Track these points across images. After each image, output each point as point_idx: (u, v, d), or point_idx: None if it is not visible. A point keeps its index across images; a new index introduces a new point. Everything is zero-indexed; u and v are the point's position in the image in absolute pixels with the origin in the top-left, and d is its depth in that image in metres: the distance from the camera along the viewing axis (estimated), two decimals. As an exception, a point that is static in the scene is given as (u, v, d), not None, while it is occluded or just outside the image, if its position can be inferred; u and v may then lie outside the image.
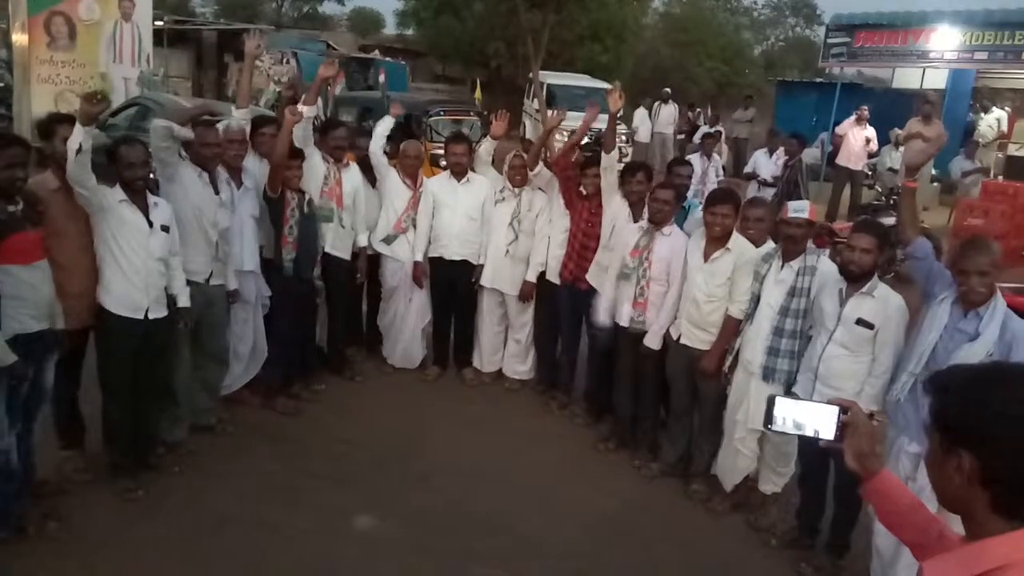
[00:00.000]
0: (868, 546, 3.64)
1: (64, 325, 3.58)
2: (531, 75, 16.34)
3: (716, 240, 4.27)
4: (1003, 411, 1.23)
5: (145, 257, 3.73)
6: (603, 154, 5.02)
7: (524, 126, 16.91)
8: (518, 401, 5.62)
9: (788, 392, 3.92)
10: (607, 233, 4.97)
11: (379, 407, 5.30)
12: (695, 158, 8.24)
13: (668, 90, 15.91)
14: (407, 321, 5.76)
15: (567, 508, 4.27)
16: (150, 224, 3.74)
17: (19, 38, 12.47)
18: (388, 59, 21.86)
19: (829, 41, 12.52)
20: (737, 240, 4.28)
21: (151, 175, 3.89)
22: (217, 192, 4.33)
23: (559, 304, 5.36)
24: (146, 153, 3.72)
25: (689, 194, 5.73)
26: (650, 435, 4.79)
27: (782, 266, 4.02)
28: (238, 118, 4.66)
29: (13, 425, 3.34)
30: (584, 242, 5.13)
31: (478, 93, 14.66)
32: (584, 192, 5.17)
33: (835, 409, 1.67)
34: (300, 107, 4.71)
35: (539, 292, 5.52)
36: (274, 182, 4.67)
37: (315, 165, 5.02)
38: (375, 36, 35.52)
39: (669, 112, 15.65)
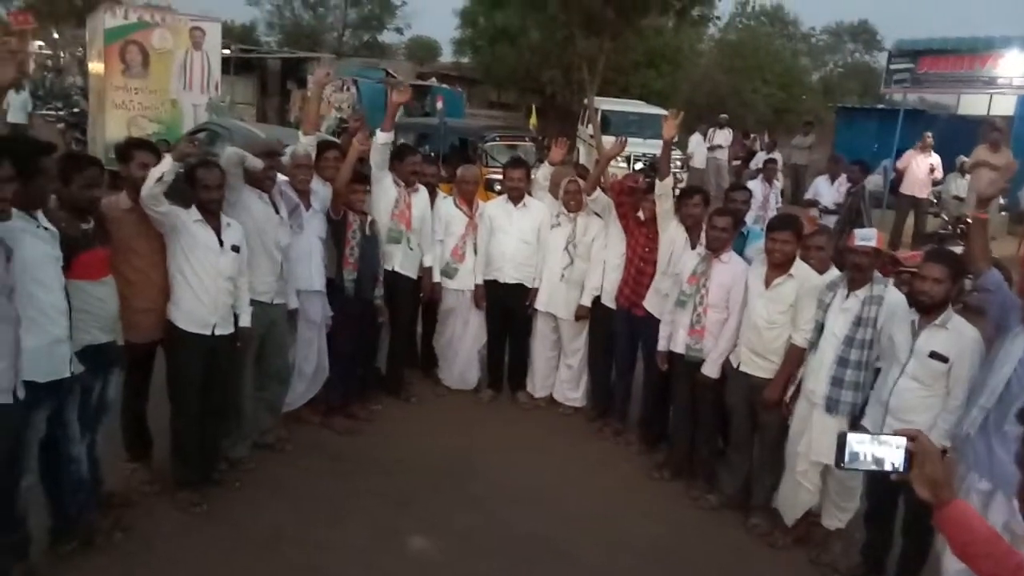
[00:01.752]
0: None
1: (131, 339, 3.71)
2: (585, 101, 16.41)
3: (777, 266, 4.21)
4: None
5: (215, 276, 3.84)
6: (657, 181, 5.00)
7: (578, 151, 16.96)
8: (571, 426, 5.59)
9: (853, 425, 3.83)
10: (665, 259, 4.94)
11: (434, 428, 5.32)
12: (755, 184, 8.16)
13: (724, 116, 15.80)
14: (463, 343, 5.80)
15: (622, 536, 4.21)
16: (221, 244, 3.86)
17: (95, 66, 13.08)
18: (445, 86, 22.25)
19: (892, 67, 12.29)
20: (800, 267, 4.20)
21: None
22: (277, 212, 4.44)
23: (614, 329, 5.33)
24: (222, 176, 3.85)
25: (749, 220, 5.66)
26: (708, 465, 4.70)
27: (848, 295, 3.93)
28: (305, 143, 4.79)
29: (83, 435, 3.45)
30: (640, 267, 5.10)
31: (533, 119, 14.78)
32: (641, 217, 5.16)
33: (903, 440, 1.70)
34: (378, 133, 4.84)
35: (593, 317, 5.51)
36: (337, 205, 4.79)
37: (387, 188, 5.14)
38: (432, 64, 36.23)
39: (724, 137, 15.52)
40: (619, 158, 14.11)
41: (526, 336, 5.78)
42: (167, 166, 3.52)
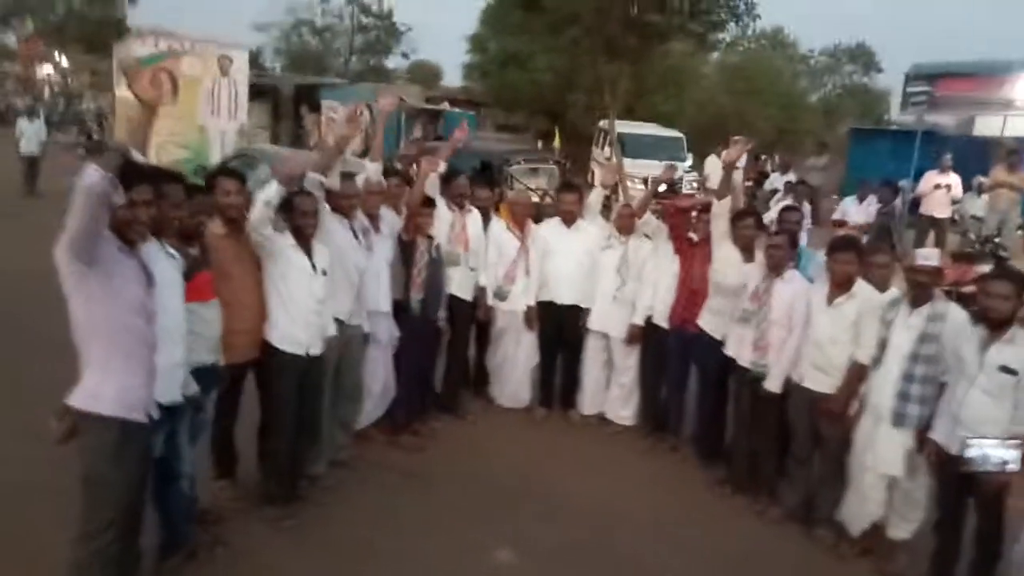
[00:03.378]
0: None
1: (226, 359, 3.86)
2: (601, 124, 16.68)
3: (839, 285, 4.38)
4: None
5: (308, 298, 4.01)
6: (714, 201, 5.19)
7: (592, 174, 17.22)
8: (626, 443, 5.72)
9: (920, 439, 3.99)
10: (720, 279, 5.10)
11: (494, 445, 5.46)
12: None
13: (738, 137, 16.04)
14: (517, 362, 5.95)
15: (695, 546, 4.35)
16: (314, 268, 4.03)
17: (124, 93, 13.29)
18: (457, 110, 22.58)
19: (909, 89, 12.58)
20: (862, 286, 4.37)
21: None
22: (356, 237, 4.62)
23: (666, 348, 5.48)
24: (316, 203, 4.02)
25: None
26: (770, 480, 4.84)
27: (911, 312, 4.10)
28: (373, 170, 4.97)
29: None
30: (694, 287, 5.27)
31: (557, 141, 15.03)
32: (695, 238, 5.34)
33: (1019, 443, 1.91)
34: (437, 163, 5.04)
35: (645, 336, 5.66)
36: (408, 228, 4.96)
37: (441, 212, 5.30)
38: (439, 87, 36.67)
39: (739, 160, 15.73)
40: (637, 180, 14.34)
41: (579, 355, 5.92)
42: (273, 192, 3.70)
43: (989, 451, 2.09)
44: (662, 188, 14.45)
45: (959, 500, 3.89)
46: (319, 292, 4.07)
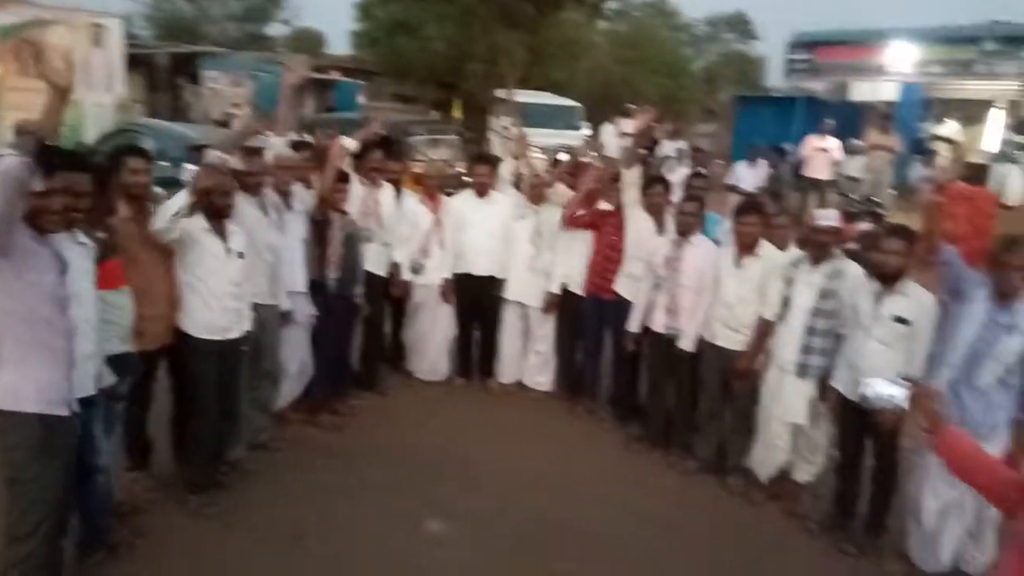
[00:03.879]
0: (903, 526, 4.03)
1: (138, 347, 3.69)
2: (498, 93, 16.65)
3: (746, 247, 4.60)
4: None
5: (224, 282, 3.87)
6: (622, 171, 5.31)
7: (492, 143, 17.17)
8: (544, 408, 5.85)
9: (822, 388, 4.28)
10: (633, 245, 5.25)
11: (415, 418, 5.47)
12: (684, 172, 8.59)
13: (631, 106, 16.36)
14: (434, 336, 5.95)
15: (618, 505, 4.51)
16: (228, 251, 3.88)
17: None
18: (348, 79, 21.98)
19: (791, 57, 13.19)
20: (766, 247, 4.61)
21: None
22: (266, 214, 4.47)
23: (582, 314, 5.61)
24: (232, 183, 3.86)
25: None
26: (683, 434, 5.07)
27: (811, 270, 4.35)
28: (281, 144, 4.81)
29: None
30: (608, 254, 5.40)
31: (457, 111, 14.89)
32: (608, 207, 5.46)
33: (903, 383, 2.37)
34: (345, 140, 4.92)
35: (561, 303, 5.78)
36: (322, 206, 4.83)
37: (353, 187, 5.18)
38: (324, 56, 35.44)
39: (632, 127, 16.10)
40: (536, 149, 14.39)
41: (496, 325, 5.98)
42: (182, 201, 3.57)
43: (880, 389, 2.52)
44: (562, 156, 14.67)
45: (858, 443, 4.21)
46: (235, 275, 3.94)
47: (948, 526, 3.77)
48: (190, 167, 7.74)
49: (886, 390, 2.52)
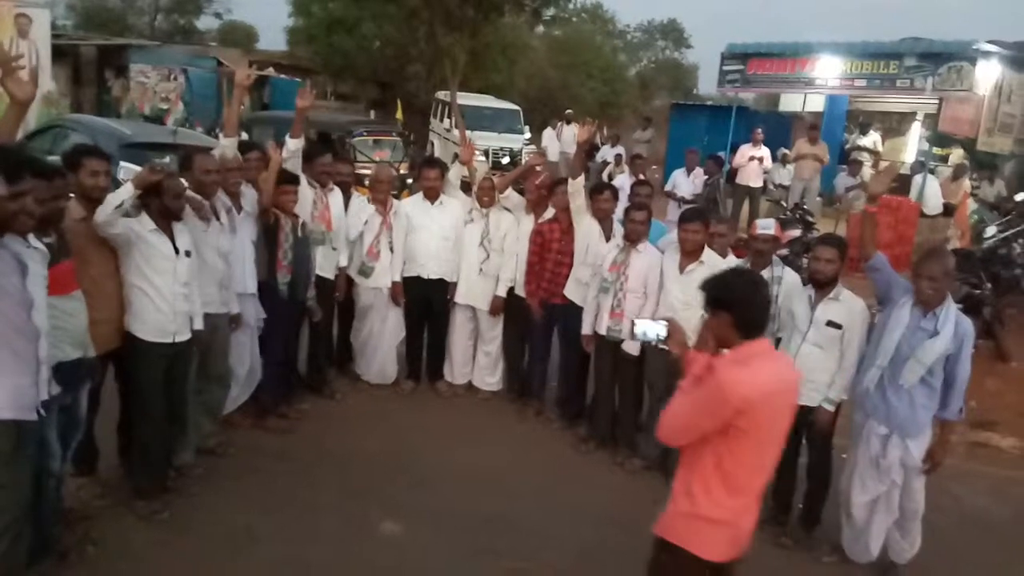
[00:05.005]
0: (836, 520, 4.26)
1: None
2: (438, 95, 16.67)
3: (689, 254, 4.79)
4: (743, 290, 2.65)
5: (172, 283, 3.84)
6: (570, 179, 5.45)
7: (432, 145, 17.20)
8: (493, 410, 5.95)
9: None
10: (582, 250, 5.39)
11: (364, 421, 5.49)
12: (624, 178, 8.82)
13: (570, 111, 16.66)
14: (382, 339, 5.97)
15: (566, 503, 4.63)
16: (176, 251, 3.85)
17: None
18: (284, 76, 21.64)
19: (724, 68, 13.62)
20: (709, 254, 4.81)
21: None
22: (218, 219, 4.44)
23: (530, 317, 5.72)
24: (184, 185, 3.83)
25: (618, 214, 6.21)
26: (629, 434, 5.23)
27: (751, 276, 4.56)
28: (228, 145, 4.77)
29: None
30: (558, 259, 5.52)
31: (399, 113, 14.84)
32: (552, 213, 5.59)
33: (663, 322, 2.97)
34: (288, 140, 4.91)
35: (508, 306, 5.88)
36: (267, 210, 4.81)
37: (303, 190, 5.17)
38: (255, 51, 34.70)
39: (572, 132, 16.35)
40: (478, 152, 14.53)
41: (445, 328, 6.04)
42: (127, 194, 3.51)
43: (647, 328, 2.98)
44: (504, 160, 14.80)
45: (794, 440, 4.41)
46: (184, 275, 3.90)
47: (876, 519, 4.01)
48: (126, 165, 7.60)
49: (652, 329, 3.01)
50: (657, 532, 2.83)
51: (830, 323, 4.13)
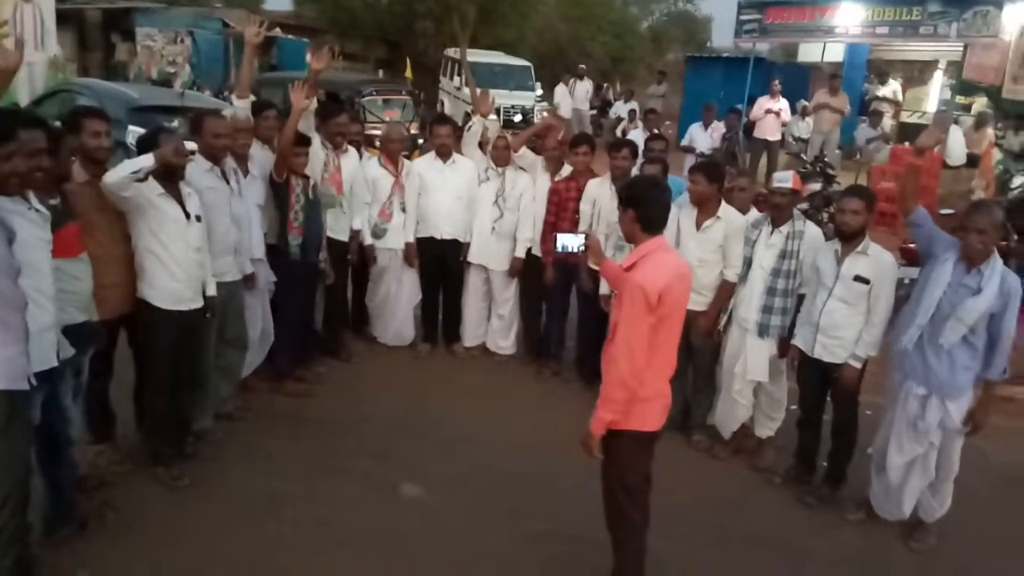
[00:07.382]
0: (863, 478, 4.20)
1: (97, 316, 3.59)
2: (447, 52, 16.38)
3: (705, 210, 4.66)
4: (645, 190, 3.04)
5: (185, 248, 3.76)
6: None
7: (442, 103, 16.96)
8: (510, 372, 5.90)
9: (782, 346, 4.40)
10: (588, 209, 5.27)
11: (383, 384, 5.46)
12: (637, 133, 8.64)
13: (583, 67, 16.34)
14: (399, 301, 5.91)
15: (589, 463, 4.56)
16: (187, 215, 3.77)
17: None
18: (291, 36, 21.36)
19: (741, 18, 13.25)
20: (726, 209, 4.68)
21: None
22: (228, 183, 4.35)
23: (547, 277, 5.63)
24: (191, 147, 3.73)
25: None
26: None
27: (772, 231, 4.44)
28: (241, 107, 4.67)
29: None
30: (575, 218, 5.40)
31: (409, 72, 14.61)
32: (570, 170, 5.47)
33: (582, 236, 3.45)
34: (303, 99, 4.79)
35: (525, 267, 5.79)
36: (280, 168, 4.72)
37: (315, 151, 5.06)
38: (262, 11, 34.22)
39: (584, 88, 16.09)
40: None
41: (460, 289, 5.97)
42: (148, 163, 3.43)
43: (566, 240, 3.37)
44: (517, 119, 14.58)
45: (818, 398, 4.36)
46: (196, 240, 3.83)
47: (911, 479, 3.92)
48: (134, 129, 7.49)
49: (572, 242, 3.38)
50: (598, 432, 3.30)
51: (858, 278, 4.01)
